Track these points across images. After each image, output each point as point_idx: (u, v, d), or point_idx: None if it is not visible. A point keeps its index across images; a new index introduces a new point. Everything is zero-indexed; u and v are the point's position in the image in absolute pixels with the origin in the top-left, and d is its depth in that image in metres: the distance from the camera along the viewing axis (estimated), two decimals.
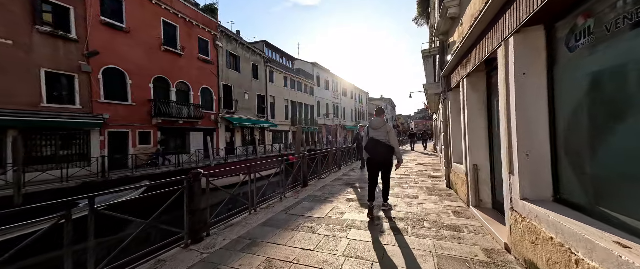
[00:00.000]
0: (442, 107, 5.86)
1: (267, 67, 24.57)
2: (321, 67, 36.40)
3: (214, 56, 17.47)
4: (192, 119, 15.00)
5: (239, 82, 20.29)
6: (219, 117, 17.46)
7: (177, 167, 11.93)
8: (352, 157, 11.26)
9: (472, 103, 3.80)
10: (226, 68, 18.85)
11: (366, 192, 4.01)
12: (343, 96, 43.26)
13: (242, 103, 20.65)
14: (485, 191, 3.70)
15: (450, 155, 5.24)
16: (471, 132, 3.80)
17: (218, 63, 17.78)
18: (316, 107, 34.70)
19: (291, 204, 4.46)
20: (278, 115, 26.03)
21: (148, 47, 12.93)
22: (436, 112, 10.39)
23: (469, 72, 3.64)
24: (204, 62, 16.55)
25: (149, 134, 12.83)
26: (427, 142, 21.27)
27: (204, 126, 16.13)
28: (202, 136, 16.09)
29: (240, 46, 20.61)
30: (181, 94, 14.94)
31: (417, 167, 8.94)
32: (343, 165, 9.82)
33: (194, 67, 15.72)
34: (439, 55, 5.21)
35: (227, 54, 18.98)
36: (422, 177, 6.88)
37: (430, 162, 10.18)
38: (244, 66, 21.13)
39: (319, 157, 7.19)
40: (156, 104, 12.93)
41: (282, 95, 27.09)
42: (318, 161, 7.22)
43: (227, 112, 18.45)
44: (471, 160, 3.79)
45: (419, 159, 11.76)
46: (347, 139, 40.38)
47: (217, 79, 17.64)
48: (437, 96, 6.35)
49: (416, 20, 15.04)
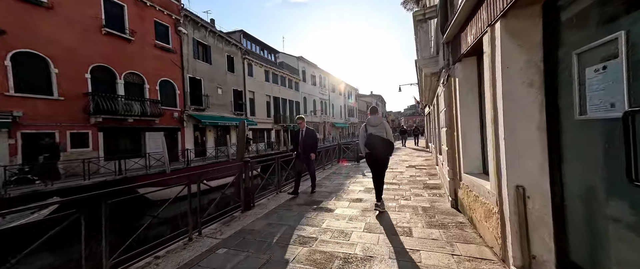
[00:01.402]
0: (443, 91, 4.09)
1: (245, 60, 22.37)
2: (307, 61, 34.37)
3: (177, 44, 15.19)
4: (148, 117, 12.76)
5: (210, 75, 18.05)
6: (184, 115, 15.24)
7: (117, 175, 9.74)
8: (332, 159, 9.41)
9: (513, 71, 1.96)
10: (193, 59, 16.59)
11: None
12: (331, 92, 41.42)
13: (215, 99, 18.44)
14: (543, 237, 1.89)
15: (460, 161, 3.42)
16: (511, 126, 1.97)
17: (182, 52, 15.50)
18: (302, 104, 32.72)
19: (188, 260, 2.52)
20: (259, 112, 23.91)
21: (82, 29, 10.59)
22: (430, 104, 8.64)
23: (507, 6, 1.80)
24: (163, 50, 14.26)
25: (85, 135, 10.55)
26: (419, 139, 20.65)
27: (164, 124, 13.90)
28: (162, 136, 13.83)
29: (211, 35, 18.34)
30: (133, 88, 12.66)
31: (408, 171, 7.18)
32: (319, 170, 7.97)
33: (149, 56, 13.43)
34: (440, 11, 3.44)
35: (194, 43, 16.70)
36: (415, 187, 5.09)
37: (424, 164, 8.46)
38: (217, 58, 18.88)
39: (276, 163, 5.27)
40: (95, 98, 10.64)
41: (264, 90, 24.96)
42: (276, 169, 5.32)
43: (195, 109, 16.23)
44: (512, 178, 1.97)
45: (410, 159, 10.05)
46: (336, 138, 38.64)
47: (181, 71, 15.38)
48: (435, 76, 4.54)
49: (405, 4, 13.32)
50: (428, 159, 9.82)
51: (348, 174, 7.19)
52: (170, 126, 14.31)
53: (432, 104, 7.61)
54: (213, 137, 17.82)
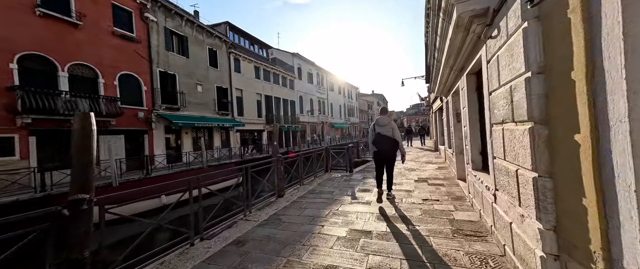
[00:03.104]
0: (499, 47, 1.90)
1: (231, 54, 20.27)
2: (303, 58, 32.24)
3: (143, 33, 13.10)
4: (102, 118, 10.67)
5: (187, 70, 15.95)
6: (152, 115, 13.12)
7: (37, 192, 7.60)
8: (316, 169, 7.19)
9: None
10: (166, 51, 14.49)
11: None
12: (330, 90, 39.23)
13: (194, 97, 16.34)
14: None
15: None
16: None
17: (150, 43, 13.41)
18: (298, 103, 30.57)
19: None
20: (248, 112, 21.79)
21: (6, 8, 8.52)
22: (446, 94, 6.39)
23: None
24: (125, 39, 12.18)
25: (9, 141, 8.45)
26: (425, 139, 19.64)
27: (125, 126, 11.79)
28: (123, 140, 11.74)
29: (188, 25, 16.25)
30: (82, 82, 10.56)
31: (419, 188, 4.91)
32: (294, 185, 5.75)
33: (105, 46, 11.35)
34: None
35: (167, 33, 14.60)
36: (439, 232, 2.83)
37: (439, 176, 6.19)
38: (196, 50, 16.78)
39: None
40: (23, 94, 8.54)
41: (254, 88, 22.84)
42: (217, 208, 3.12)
43: (167, 108, 14.12)
44: None
45: (419, 167, 7.78)
46: (334, 139, 36.39)
47: (149, 64, 13.28)
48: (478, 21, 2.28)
49: None
50: (442, 167, 7.56)
51: (332, 195, 4.96)
52: (133, 127, 12.20)
53: (453, 91, 5.37)
54: (190, 141, 15.68)
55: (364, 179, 6.36)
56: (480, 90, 3.19)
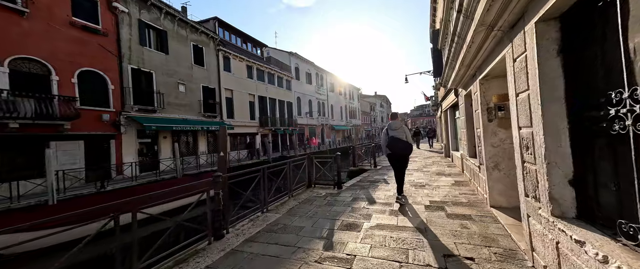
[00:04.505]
0: None
1: (220, 52, 18.74)
2: (301, 57, 30.68)
3: (111, 25, 11.60)
4: (54, 121, 9.12)
5: (167, 67, 14.42)
6: (121, 117, 11.56)
7: None
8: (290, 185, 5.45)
9: None
10: (140, 46, 12.98)
11: None
12: (330, 91, 37.55)
13: (175, 97, 14.79)
14: None
15: None
16: None
17: (119, 36, 11.90)
18: (296, 105, 28.93)
19: None
20: (239, 114, 20.19)
21: None
22: (466, 85, 4.60)
23: None
24: (87, 31, 10.67)
25: None
26: (433, 141, 19.36)
27: (86, 130, 10.23)
28: (82, 147, 10.17)
29: (169, 18, 14.76)
30: (29, 79, 9.04)
31: (434, 224, 3.12)
32: (248, 220, 4.01)
33: (61, 38, 9.84)
34: None
35: (141, 26, 13.09)
36: None
37: (457, 195, 4.37)
38: (177, 47, 15.27)
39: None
40: None
41: (246, 88, 21.27)
42: None
43: (140, 110, 12.55)
44: None
45: (428, 180, 5.95)
46: (334, 142, 34.60)
47: (118, 60, 11.75)
48: None
49: None
50: (459, 181, 5.72)
51: (297, 237, 3.20)
52: (96, 132, 10.62)
53: (484, 74, 3.57)
54: (170, 146, 14.07)
55: (354, 202, 4.57)
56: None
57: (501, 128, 3.62)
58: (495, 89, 3.65)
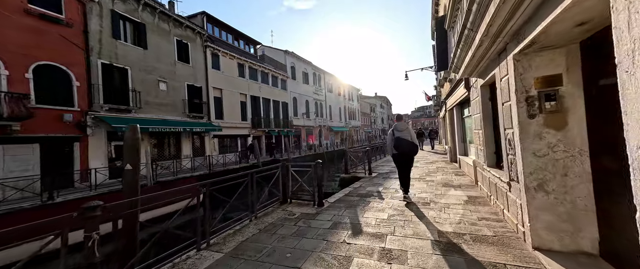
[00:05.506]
0: None
1: (208, 48, 17.57)
2: (297, 56, 29.52)
3: (77, 15, 10.41)
4: (1, 121, 7.91)
5: (145, 63, 13.23)
6: (87, 117, 10.34)
7: None
8: (255, 202, 4.18)
9: None
10: (112, 39, 11.79)
11: None
12: (328, 92, 36.33)
13: (155, 96, 13.58)
14: None
15: None
16: None
17: (87, 27, 10.71)
18: (292, 105, 27.71)
19: None
20: (230, 114, 18.97)
21: None
22: (482, 74, 3.30)
23: None
24: (47, 20, 9.48)
25: None
26: (435, 142, 18.82)
27: (43, 132, 9.01)
28: (37, 151, 8.95)
29: (148, 10, 13.58)
30: None
31: None
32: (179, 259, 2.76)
33: (12, 27, 8.66)
34: None
35: (114, 17, 11.90)
36: None
37: (483, 232, 3.09)
38: (158, 42, 14.08)
39: None
40: None
41: (237, 88, 20.07)
42: None
43: (111, 109, 11.34)
44: None
45: (434, 196, 4.67)
46: (333, 144, 33.30)
47: (85, 54, 10.56)
48: None
49: None
50: (473, 197, 4.42)
51: None
52: (55, 134, 9.40)
53: (505, 62, 2.31)
54: (147, 149, 12.82)
55: (332, 230, 3.29)
56: None
57: (550, 128, 2.34)
58: (539, 68, 2.38)
